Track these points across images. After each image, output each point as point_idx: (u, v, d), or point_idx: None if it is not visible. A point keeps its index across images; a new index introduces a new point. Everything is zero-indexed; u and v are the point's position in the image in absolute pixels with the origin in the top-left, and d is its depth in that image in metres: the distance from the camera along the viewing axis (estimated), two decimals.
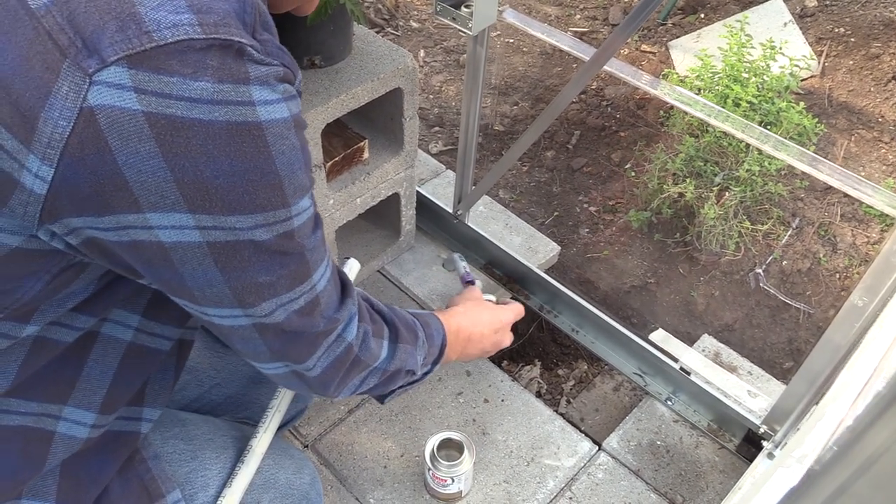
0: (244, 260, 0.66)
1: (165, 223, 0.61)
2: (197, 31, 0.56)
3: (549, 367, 1.76)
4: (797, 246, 2.18)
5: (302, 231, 0.69)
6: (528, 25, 1.27)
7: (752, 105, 2.18)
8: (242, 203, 0.62)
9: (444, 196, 1.73)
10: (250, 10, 0.61)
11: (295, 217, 0.67)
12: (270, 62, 0.61)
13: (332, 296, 0.79)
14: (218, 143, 0.58)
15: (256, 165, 0.61)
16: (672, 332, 1.53)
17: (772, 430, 1.27)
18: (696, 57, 2.41)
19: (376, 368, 0.89)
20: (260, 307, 0.70)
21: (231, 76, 0.58)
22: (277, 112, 0.61)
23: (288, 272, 0.70)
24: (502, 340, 1.19)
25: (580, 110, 2.60)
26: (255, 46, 0.60)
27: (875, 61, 2.69)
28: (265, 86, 0.60)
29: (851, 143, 2.47)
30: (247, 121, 0.59)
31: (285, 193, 0.65)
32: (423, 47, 2.90)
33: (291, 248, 0.69)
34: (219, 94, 0.57)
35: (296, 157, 0.65)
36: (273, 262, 0.68)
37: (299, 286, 0.73)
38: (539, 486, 1.28)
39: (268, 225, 0.65)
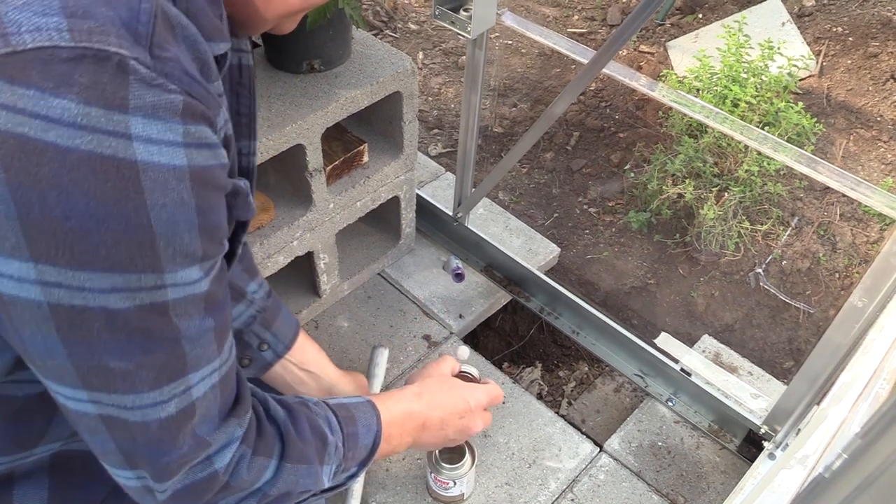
0: (92, 333, 0.53)
1: (4, 270, 0.50)
2: (65, 38, 0.46)
3: (550, 369, 1.76)
4: (797, 246, 2.18)
5: (180, 309, 0.56)
6: (526, 28, 1.28)
7: (750, 105, 2.18)
8: (97, 257, 0.50)
9: (443, 198, 1.74)
10: (146, 19, 0.49)
11: (170, 287, 0.54)
12: (165, 87, 0.49)
13: (213, 409, 0.64)
14: (74, 177, 0.47)
15: (122, 213, 0.49)
16: (672, 333, 1.53)
17: (773, 431, 1.27)
18: (695, 57, 2.41)
19: (255, 491, 0.72)
20: (109, 397, 0.57)
21: (103, 98, 0.47)
22: (164, 156, 0.50)
23: (152, 361, 0.57)
24: (470, 426, 1.00)
25: (579, 111, 2.60)
26: (144, 61, 0.48)
27: (873, 60, 2.69)
28: (151, 119, 0.49)
29: (850, 143, 2.48)
30: (116, 156, 0.48)
31: (158, 255, 0.52)
32: (422, 49, 2.90)
33: (159, 328, 0.56)
34: (84, 117, 0.47)
35: (183, 217, 0.52)
36: (131, 344, 0.55)
37: (167, 385, 0.59)
38: (541, 487, 1.29)
39: (128, 290, 0.52)
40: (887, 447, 0.38)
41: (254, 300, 1.03)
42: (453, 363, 1.06)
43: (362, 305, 1.56)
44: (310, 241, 1.37)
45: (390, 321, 1.53)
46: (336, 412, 0.82)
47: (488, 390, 1.04)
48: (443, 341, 1.49)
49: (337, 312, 1.54)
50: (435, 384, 0.98)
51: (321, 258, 1.43)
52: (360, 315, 1.54)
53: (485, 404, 1.03)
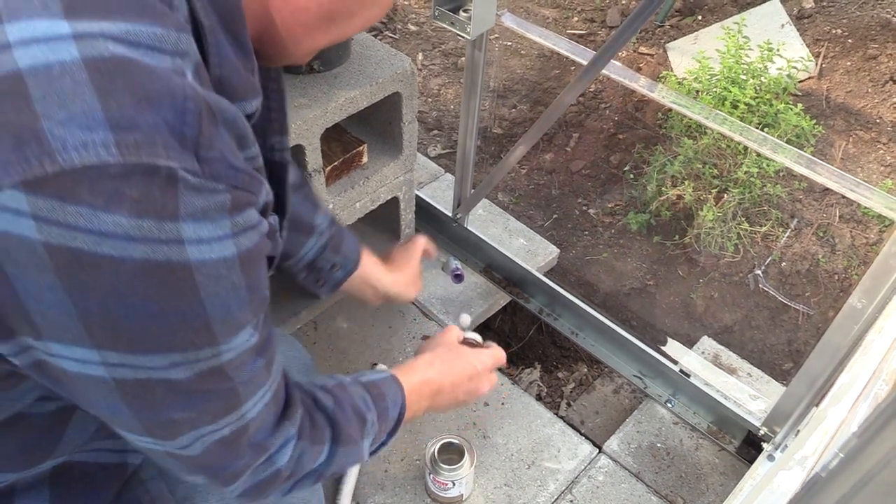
0: (156, 399, 0.57)
1: (67, 354, 0.53)
2: (112, 154, 0.46)
3: (549, 370, 1.76)
4: (796, 247, 2.18)
5: (233, 364, 0.60)
6: (526, 29, 1.28)
7: (749, 107, 2.19)
8: (157, 343, 0.53)
9: (443, 199, 1.73)
10: (192, 119, 0.49)
11: (225, 353, 0.58)
12: (214, 189, 0.50)
13: (267, 420, 0.70)
14: (131, 283, 0.49)
15: (177, 308, 0.52)
16: (672, 335, 1.53)
17: (772, 432, 1.27)
18: (694, 59, 2.41)
19: (310, 473, 0.80)
20: (174, 441, 0.62)
21: (154, 210, 0.48)
22: (216, 251, 0.52)
23: (211, 407, 0.62)
24: (478, 388, 1.08)
25: (578, 113, 2.60)
26: (194, 170, 0.49)
27: (872, 62, 2.69)
28: (202, 221, 0.50)
29: (849, 144, 2.48)
30: (170, 260, 0.50)
31: (214, 334, 0.56)
32: (422, 50, 2.90)
33: (217, 384, 0.60)
34: (136, 229, 0.48)
35: (234, 298, 0.56)
36: (193, 399, 0.59)
37: (224, 418, 0.63)
38: (540, 488, 1.28)
39: (187, 363, 0.56)
40: (884, 446, 0.38)
41: (322, 231, 1.13)
42: (458, 332, 1.14)
43: (361, 306, 1.56)
44: None
45: (389, 322, 1.53)
46: (369, 390, 0.89)
47: (493, 353, 1.12)
48: None
49: (336, 313, 1.54)
50: (445, 352, 1.07)
51: None
52: (358, 316, 1.54)
53: (490, 366, 1.10)
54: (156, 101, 0.48)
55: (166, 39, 0.50)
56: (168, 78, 0.49)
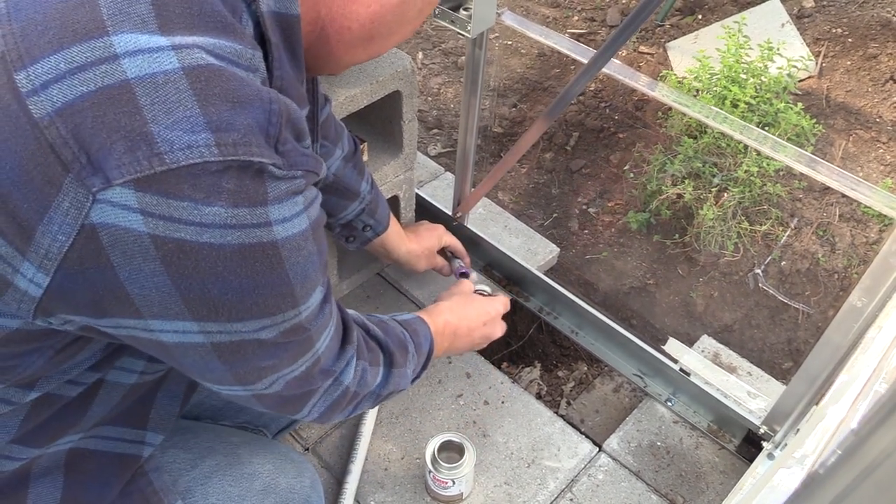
0: (248, 354, 0.64)
1: (168, 328, 0.59)
2: (213, 153, 0.52)
3: (549, 369, 1.76)
4: (796, 246, 2.18)
5: (310, 318, 0.68)
6: (526, 28, 1.27)
7: (750, 106, 2.19)
8: (251, 312, 0.60)
9: (443, 198, 1.73)
10: (276, 120, 0.56)
11: (304, 311, 0.66)
12: (293, 175, 0.58)
13: (333, 349, 0.78)
14: (228, 265, 0.56)
15: (268, 281, 0.59)
16: (671, 333, 1.53)
17: (772, 431, 1.27)
18: (694, 58, 2.41)
19: (370, 394, 0.90)
20: (260, 383, 0.70)
21: (247, 199, 0.54)
22: (296, 226, 0.59)
23: (291, 353, 0.70)
24: (492, 332, 1.20)
25: (578, 112, 2.60)
26: (277, 163, 0.56)
27: (872, 62, 2.69)
28: (284, 202, 0.57)
29: (849, 144, 2.48)
30: (261, 241, 0.56)
31: (296, 297, 0.63)
32: (422, 49, 2.90)
33: (297, 335, 0.68)
34: (233, 218, 0.54)
35: (310, 263, 0.63)
36: (277, 350, 0.67)
37: (301, 358, 0.72)
38: (540, 487, 1.28)
39: (274, 325, 0.63)
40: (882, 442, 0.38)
41: (364, 197, 1.24)
42: (470, 284, 1.29)
43: (362, 305, 1.56)
44: None
45: None
46: (405, 327, 1.00)
47: (502, 300, 1.24)
48: None
49: None
50: (461, 300, 1.19)
51: None
52: (361, 312, 1.54)
53: (502, 312, 1.23)
54: (248, 104, 0.54)
55: (243, 55, 0.57)
56: (252, 85, 0.56)
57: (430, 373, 1.44)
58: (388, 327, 0.97)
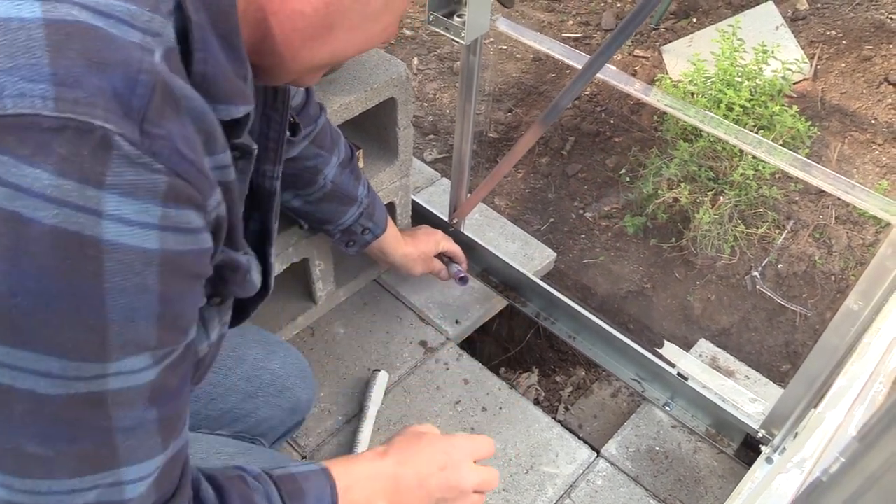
0: (13, 414, 0.49)
1: None
2: (48, 107, 0.44)
3: (547, 374, 1.76)
4: (792, 249, 2.18)
5: (117, 399, 0.51)
6: (520, 34, 1.28)
7: (745, 109, 2.19)
8: (37, 337, 0.46)
9: (439, 204, 1.73)
10: (142, 91, 0.47)
11: (111, 377, 0.50)
12: (149, 165, 0.46)
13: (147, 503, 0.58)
14: (31, 249, 0.44)
15: (74, 294, 0.46)
16: (669, 337, 1.53)
17: (770, 435, 1.27)
18: (689, 61, 2.42)
19: None
20: (23, 482, 0.52)
21: (80, 171, 0.44)
22: (135, 238, 0.47)
23: (75, 451, 0.52)
24: (458, 478, 0.86)
25: (574, 116, 2.60)
26: (130, 137, 0.46)
27: (867, 63, 2.70)
28: (128, 197, 0.46)
29: (845, 146, 2.48)
30: (81, 232, 0.45)
31: (106, 344, 0.48)
32: (417, 55, 2.91)
33: (89, 419, 0.51)
34: (56, 189, 0.44)
35: (142, 304, 0.49)
36: (55, 432, 0.50)
37: (91, 475, 0.53)
38: (538, 493, 1.28)
39: (63, 379, 0.48)
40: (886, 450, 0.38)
41: (362, 201, 1.23)
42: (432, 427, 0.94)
43: (358, 312, 1.56)
44: (305, 248, 1.37)
45: (386, 327, 1.53)
46: (279, 486, 0.73)
47: (474, 440, 0.91)
48: (439, 347, 1.49)
49: (333, 319, 1.54)
50: (403, 439, 0.89)
51: (316, 265, 1.43)
52: (356, 321, 1.54)
53: (470, 455, 0.89)
54: (108, 67, 0.46)
55: (138, 17, 0.49)
56: (128, 49, 0.47)
57: (428, 379, 1.43)
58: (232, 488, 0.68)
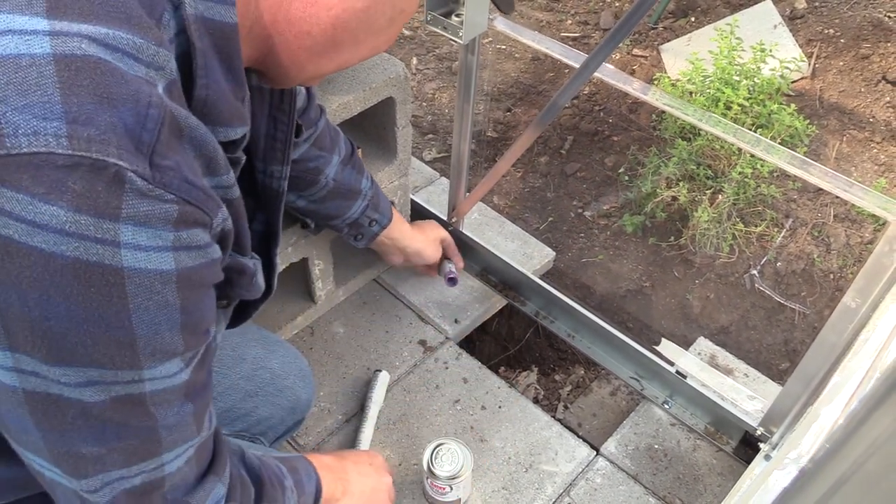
0: (66, 421, 0.53)
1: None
2: (62, 144, 0.45)
3: (546, 373, 1.76)
4: (791, 247, 2.19)
5: (157, 399, 0.56)
6: (518, 33, 1.28)
7: (743, 108, 2.19)
8: (75, 355, 0.50)
9: (438, 203, 1.74)
10: (152, 126, 0.49)
11: (148, 381, 0.55)
12: (161, 197, 0.49)
13: (188, 476, 0.64)
14: (57, 282, 0.47)
15: (102, 317, 0.49)
16: (668, 336, 1.53)
17: (769, 432, 1.27)
18: (688, 60, 2.42)
19: None
20: (85, 480, 0.57)
21: (94, 207, 0.46)
22: (152, 262, 0.50)
23: (125, 447, 0.57)
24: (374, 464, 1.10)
25: (573, 115, 2.60)
26: (142, 173, 0.48)
27: (865, 62, 2.70)
28: (142, 227, 0.48)
29: (843, 144, 2.49)
30: (102, 262, 0.48)
31: (137, 354, 0.53)
32: (416, 55, 2.91)
33: (135, 419, 0.56)
34: (73, 224, 0.46)
35: (166, 318, 0.53)
36: (105, 432, 0.55)
37: (138, 465, 0.59)
38: (538, 492, 1.28)
39: (104, 384, 0.52)
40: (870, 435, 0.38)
41: (366, 194, 1.25)
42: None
43: (358, 311, 1.56)
44: (304, 248, 1.37)
45: (386, 326, 1.53)
46: (282, 463, 0.86)
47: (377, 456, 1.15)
48: (438, 346, 1.49)
49: (332, 318, 1.54)
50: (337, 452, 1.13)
51: (316, 264, 1.43)
52: (355, 321, 1.54)
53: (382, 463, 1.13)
54: (118, 102, 0.47)
55: (144, 50, 0.50)
56: (137, 84, 0.49)
57: (427, 378, 1.44)
58: (265, 459, 0.82)
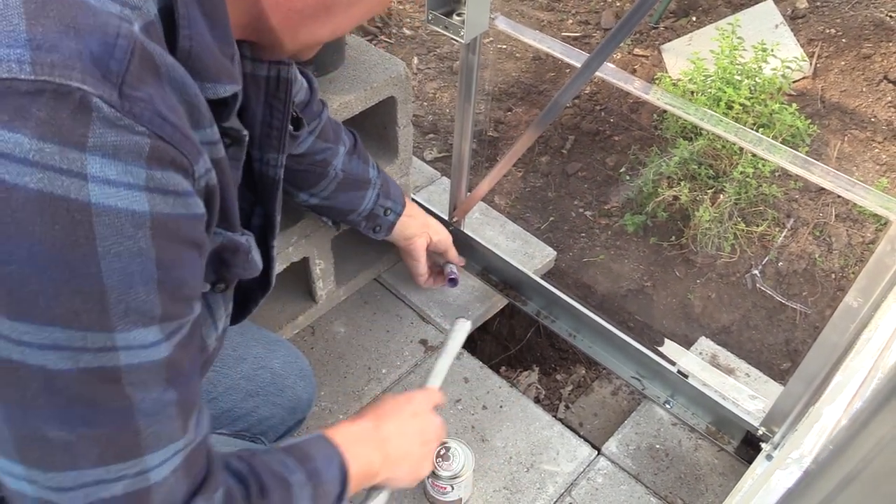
0: (29, 394, 0.48)
1: None
2: (25, 70, 0.43)
3: (548, 373, 1.76)
4: (792, 247, 2.18)
5: (133, 377, 0.50)
6: (520, 33, 1.28)
7: (744, 107, 2.19)
8: (36, 307, 0.46)
9: (439, 203, 1.74)
10: (121, 56, 0.46)
11: (122, 350, 0.49)
12: (131, 128, 0.46)
13: (177, 491, 0.58)
14: (19, 217, 0.44)
15: (67, 260, 0.45)
16: (669, 335, 1.53)
17: (770, 432, 1.27)
18: (689, 60, 2.42)
19: None
20: (47, 475, 0.51)
21: (59, 134, 0.44)
22: (122, 199, 0.46)
23: (97, 436, 0.51)
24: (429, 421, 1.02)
25: (574, 115, 2.60)
26: (109, 99, 0.45)
27: (866, 62, 2.70)
28: (111, 159, 0.45)
29: (844, 144, 2.48)
30: (68, 196, 0.44)
31: (108, 311, 0.47)
32: (417, 54, 2.91)
33: (107, 397, 0.50)
34: (37, 153, 0.43)
35: (139, 269, 0.48)
36: (71, 411, 0.49)
37: (115, 464, 0.52)
38: (539, 491, 1.28)
39: (71, 350, 0.47)
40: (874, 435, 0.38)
41: (375, 182, 1.24)
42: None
43: (359, 310, 1.56)
44: (305, 247, 1.37)
45: (387, 326, 1.53)
46: (290, 454, 0.78)
47: (426, 391, 1.08)
48: (440, 345, 1.49)
49: (333, 318, 1.54)
50: (369, 407, 0.99)
51: (317, 264, 1.43)
52: (356, 320, 1.54)
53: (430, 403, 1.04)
54: (84, 31, 0.46)
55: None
56: (105, 17, 0.47)
57: None
58: (256, 462, 0.72)
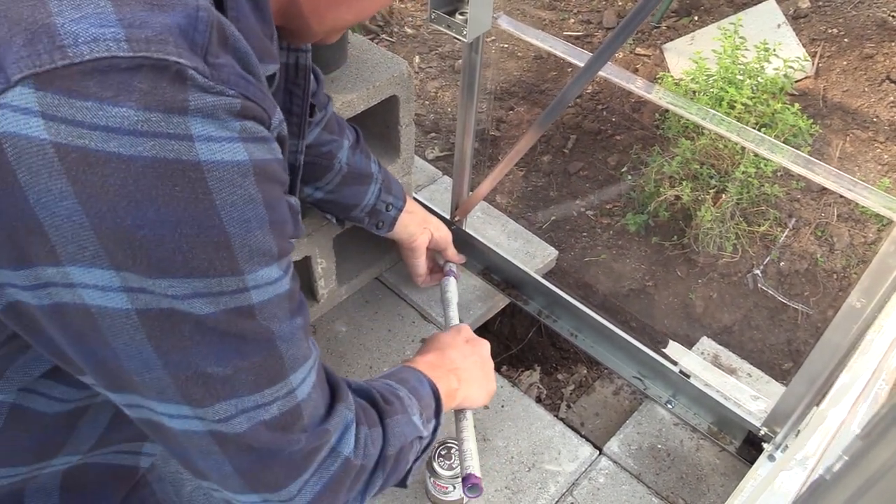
0: (184, 338, 0.53)
1: (88, 280, 0.49)
2: (123, 48, 0.46)
3: (549, 372, 1.76)
4: (794, 247, 2.18)
5: (267, 311, 0.56)
6: (522, 32, 1.27)
7: (746, 107, 2.19)
8: (174, 263, 0.50)
9: (441, 202, 1.73)
10: (203, 28, 0.49)
11: (253, 290, 0.55)
12: (222, 91, 0.50)
13: (319, 403, 0.66)
14: (141, 185, 0.47)
15: (192, 216, 0.49)
16: (671, 335, 1.53)
17: (772, 432, 1.27)
18: (691, 60, 2.41)
19: (378, 461, 0.75)
20: (213, 408, 0.57)
21: (162, 102, 0.47)
22: (226, 153, 0.50)
23: (250, 365, 0.57)
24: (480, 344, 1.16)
25: (576, 114, 2.60)
26: (202, 70, 0.49)
27: (869, 61, 2.70)
28: (210, 119, 0.49)
29: (847, 144, 2.48)
30: (180, 158, 0.48)
31: (235, 256, 0.52)
32: (419, 53, 2.90)
33: (251, 331, 0.56)
34: (145, 123, 0.46)
35: (253, 214, 0.53)
36: (226, 348, 0.55)
37: (269, 388, 0.59)
38: (540, 491, 1.28)
39: (211, 295, 0.52)
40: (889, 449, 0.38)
41: (377, 178, 1.25)
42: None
43: (360, 310, 1.56)
44: (306, 246, 1.37)
45: (388, 325, 1.53)
46: (390, 379, 0.88)
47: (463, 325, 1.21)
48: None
49: (335, 317, 1.54)
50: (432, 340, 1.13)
51: (318, 263, 1.43)
52: (357, 319, 1.54)
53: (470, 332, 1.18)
54: (168, 7, 0.48)
55: None
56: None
57: None
58: (371, 381, 0.84)
